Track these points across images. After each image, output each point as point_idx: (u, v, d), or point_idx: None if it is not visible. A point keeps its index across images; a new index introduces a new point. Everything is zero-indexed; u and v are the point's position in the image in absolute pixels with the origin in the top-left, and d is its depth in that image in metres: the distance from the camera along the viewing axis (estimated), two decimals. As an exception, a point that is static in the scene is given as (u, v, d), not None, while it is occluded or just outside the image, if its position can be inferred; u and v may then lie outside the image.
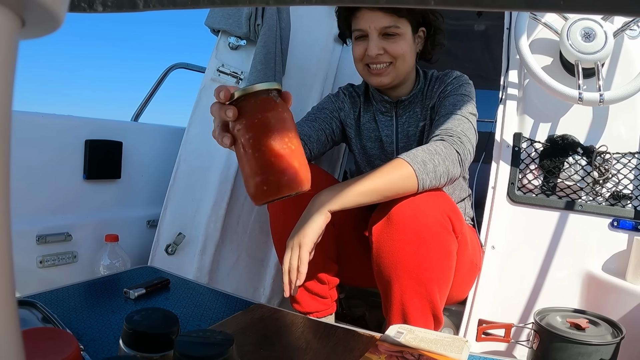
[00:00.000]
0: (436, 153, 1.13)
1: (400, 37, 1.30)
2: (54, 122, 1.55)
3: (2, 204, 0.18)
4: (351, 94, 1.52)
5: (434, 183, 1.13)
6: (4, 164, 0.18)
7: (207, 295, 1.12)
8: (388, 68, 1.32)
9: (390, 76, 1.34)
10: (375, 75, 1.34)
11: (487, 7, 0.37)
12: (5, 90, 0.16)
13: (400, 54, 1.31)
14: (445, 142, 1.17)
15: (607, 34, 1.49)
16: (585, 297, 1.44)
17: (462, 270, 1.32)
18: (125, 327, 0.63)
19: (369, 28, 1.29)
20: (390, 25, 1.28)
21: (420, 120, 1.41)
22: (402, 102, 1.41)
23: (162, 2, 0.42)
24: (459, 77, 1.38)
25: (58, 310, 0.94)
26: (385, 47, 1.30)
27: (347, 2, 0.35)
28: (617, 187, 1.50)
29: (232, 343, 0.56)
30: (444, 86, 1.37)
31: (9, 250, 0.19)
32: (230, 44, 1.64)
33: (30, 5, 0.16)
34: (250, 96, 0.73)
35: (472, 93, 1.36)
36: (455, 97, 1.32)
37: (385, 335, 0.83)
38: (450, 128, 1.21)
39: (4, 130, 0.18)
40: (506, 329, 1.13)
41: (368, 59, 1.32)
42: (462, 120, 1.25)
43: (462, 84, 1.36)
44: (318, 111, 1.48)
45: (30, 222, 1.46)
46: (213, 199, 1.60)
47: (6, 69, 0.16)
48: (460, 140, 1.18)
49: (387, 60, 1.32)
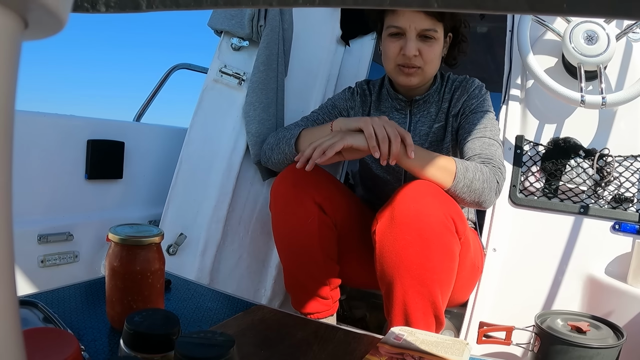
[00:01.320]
0: (480, 172, 1.18)
1: (435, 42, 1.31)
2: (57, 122, 1.55)
3: (4, 204, 0.18)
4: (364, 92, 1.52)
5: (464, 191, 1.17)
6: (6, 164, 0.18)
7: (208, 296, 1.12)
8: (417, 70, 1.33)
9: (418, 77, 1.34)
10: (406, 75, 1.34)
11: (489, 10, 0.37)
12: (8, 91, 0.16)
13: (431, 59, 1.32)
14: (489, 168, 1.21)
15: (609, 37, 1.49)
16: (587, 300, 1.44)
17: (464, 273, 1.32)
18: (126, 327, 0.63)
19: (409, 27, 1.28)
20: (430, 28, 1.28)
21: (435, 122, 1.42)
22: (416, 101, 1.42)
23: (165, 3, 0.42)
24: (480, 87, 1.40)
25: (59, 310, 0.94)
26: (421, 49, 1.30)
27: (350, 3, 0.35)
28: (619, 190, 1.50)
29: (233, 344, 0.56)
30: (466, 96, 1.38)
31: (10, 250, 0.19)
32: (233, 45, 1.64)
33: (32, 6, 0.16)
34: None
35: (491, 103, 1.40)
36: (482, 115, 1.34)
37: (386, 338, 0.83)
38: (492, 157, 1.25)
39: (7, 131, 0.18)
40: (507, 331, 1.13)
41: (402, 58, 1.31)
42: (497, 146, 1.29)
43: (485, 98, 1.38)
44: (332, 108, 1.52)
45: (32, 222, 1.46)
46: (215, 200, 1.60)
47: (9, 70, 0.16)
48: (500, 172, 1.23)
49: (419, 64, 1.32)
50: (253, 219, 1.73)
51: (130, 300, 0.84)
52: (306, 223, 1.27)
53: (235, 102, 1.63)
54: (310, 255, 1.29)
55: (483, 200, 1.20)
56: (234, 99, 1.63)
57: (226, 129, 1.63)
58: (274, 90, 1.62)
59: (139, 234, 0.84)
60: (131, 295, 0.84)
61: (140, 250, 0.84)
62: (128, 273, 0.83)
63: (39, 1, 0.16)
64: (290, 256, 1.33)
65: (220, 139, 1.63)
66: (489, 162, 1.23)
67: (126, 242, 0.83)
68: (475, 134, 1.31)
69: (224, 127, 1.63)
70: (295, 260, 1.32)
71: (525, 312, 1.28)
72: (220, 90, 1.63)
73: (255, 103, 1.57)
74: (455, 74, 1.47)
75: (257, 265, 1.74)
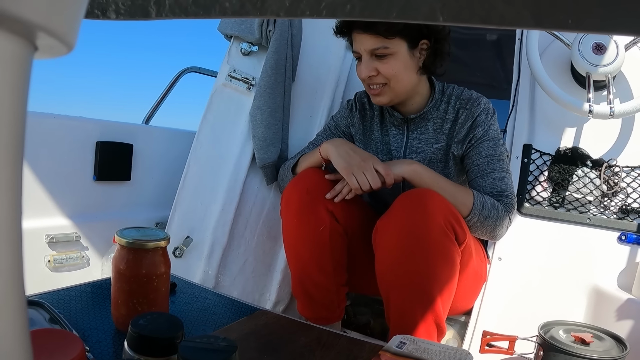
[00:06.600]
0: (496, 210, 1.23)
1: (392, 57, 1.26)
2: (66, 124, 1.57)
3: (15, 206, 0.19)
4: (363, 106, 1.50)
5: (477, 225, 1.23)
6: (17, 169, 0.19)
7: (213, 299, 1.12)
8: (383, 88, 1.30)
9: (387, 96, 1.31)
10: (374, 95, 1.33)
11: (495, 25, 0.37)
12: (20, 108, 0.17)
13: (392, 75, 1.27)
14: (503, 206, 1.25)
15: (618, 47, 1.49)
16: (591, 310, 1.44)
17: (467, 281, 1.32)
18: (131, 330, 0.64)
19: (361, 50, 1.28)
20: (378, 47, 1.25)
21: (434, 142, 1.38)
22: (412, 119, 1.39)
23: (174, 12, 0.43)
24: (486, 110, 1.34)
25: (65, 310, 0.94)
26: (378, 67, 1.27)
27: (356, 15, 0.36)
28: (626, 201, 1.49)
29: (235, 350, 0.56)
30: (471, 122, 1.33)
31: (20, 252, 0.19)
32: (243, 49, 1.66)
33: (41, 34, 0.17)
34: None
35: (498, 126, 1.37)
36: (489, 144, 1.32)
37: (388, 346, 0.83)
38: (504, 193, 1.28)
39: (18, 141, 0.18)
40: (510, 341, 1.13)
41: (366, 80, 1.31)
42: (507, 178, 1.30)
43: (491, 123, 1.33)
44: (334, 129, 1.54)
45: (40, 222, 1.47)
46: (222, 204, 1.61)
47: (20, 88, 0.17)
48: (512, 207, 1.27)
49: (381, 82, 1.29)
50: (259, 223, 1.73)
51: (135, 303, 0.85)
52: (318, 231, 1.27)
53: (244, 107, 1.64)
54: (320, 265, 1.29)
55: (494, 235, 1.27)
56: (243, 103, 1.64)
57: (234, 133, 1.64)
58: (281, 95, 1.63)
59: (146, 238, 0.85)
60: (136, 298, 0.85)
61: (146, 253, 0.84)
62: (134, 276, 0.84)
63: (47, 30, 0.17)
64: (300, 264, 1.33)
65: (228, 143, 1.64)
66: (502, 199, 1.26)
67: (132, 246, 0.84)
68: (484, 168, 1.30)
69: (232, 131, 1.64)
70: (305, 268, 1.32)
71: (530, 322, 1.28)
72: (229, 95, 1.64)
73: (262, 107, 1.58)
74: (461, 86, 1.40)
75: (262, 269, 1.75)
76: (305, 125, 1.81)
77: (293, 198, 1.29)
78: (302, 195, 1.28)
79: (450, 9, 0.37)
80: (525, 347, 1.15)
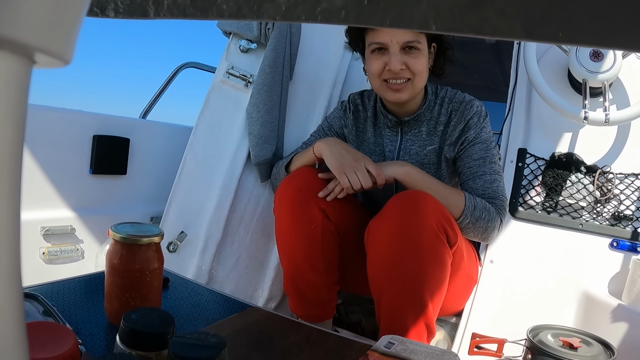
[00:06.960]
0: (487, 212, 1.24)
1: (420, 53, 1.27)
2: (63, 116, 1.57)
3: (13, 198, 0.19)
4: (357, 107, 1.50)
5: (469, 227, 1.24)
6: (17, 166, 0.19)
7: (205, 295, 1.13)
8: (406, 84, 1.29)
9: (408, 92, 1.30)
10: (394, 91, 1.30)
11: (487, 35, 0.38)
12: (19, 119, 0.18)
13: (419, 70, 1.27)
14: (494, 207, 1.26)
15: (616, 55, 1.50)
16: (581, 316, 1.45)
17: (458, 282, 1.33)
18: (123, 325, 0.65)
19: (391, 42, 1.25)
20: (413, 39, 1.25)
21: (428, 144, 1.38)
22: (406, 121, 1.39)
23: (172, 12, 0.44)
24: (479, 114, 1.34)
25: (59, 303, 0.95)
26: (407, 62, 1.26)
27: (351, 21, 0.36)
28: (619, 208, 1.50)
29: (224, 346, 0.57)
30: (464, 124, 1.34)
31: (17, 245, 0.20)
32: (241, 46, 1.66)
33: (39, 53, 0.18)
34: None
35: (490, 128, 1.37)
36: (481, 146, 1.32)
37: (376, 345, 0.84)
38: (495, 195, 1.28)
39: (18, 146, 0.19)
40: (499, 344, 1.14)
41: (388, 74, 1.28)
42: (498, 180, 1.31)
43: (484, 126, 1.34)
44: (328, 129, 1.55)
45: (35, 214, 1.47)
46: (216, 200, 1.62)
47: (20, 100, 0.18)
48: (504, 209, 1.28)
49: (407, 76, 1.28)
50: (254, 220, 1.74)
51: (128, 298, 0.86)
52: (310, 229, 1.28)
53: (241, 104, 1.64)
54: (312, 263, 1.30)
55: (486, 237, 1.28)
56: (240, 100, 1.65)
57: (231, 130, 1.65)
58: (278, 93, 1.64)
59: (140, 233, 0.86)
60: (129, 293, 0.86)
61: (140, 249, 0.85)
62: (127, 271, 0.85)
63: (46, 51, 0.17)
64: (292, 261, 1.33)
65: (224, 139, 1.64)
66: (493, 201, 1.27)
67: (126, 241, 0.84)
68: (476, 171, 1.30)
69: (229, 128, 1.65)
70: (297, 266, 1.32)
71: (519, 325, 1.29)
72: (227, 92, 1.65)
73: (259, 105, 1.59)
74: (454, 89, 1.42)
75: (255, 266, 1.75)
76: (301, 124, 1.82)
77: (286, 196, 1.30)
78: (295, 193, 1.29)
79: (443, 18, 0.38)
80: (514, 350, 1.16)
